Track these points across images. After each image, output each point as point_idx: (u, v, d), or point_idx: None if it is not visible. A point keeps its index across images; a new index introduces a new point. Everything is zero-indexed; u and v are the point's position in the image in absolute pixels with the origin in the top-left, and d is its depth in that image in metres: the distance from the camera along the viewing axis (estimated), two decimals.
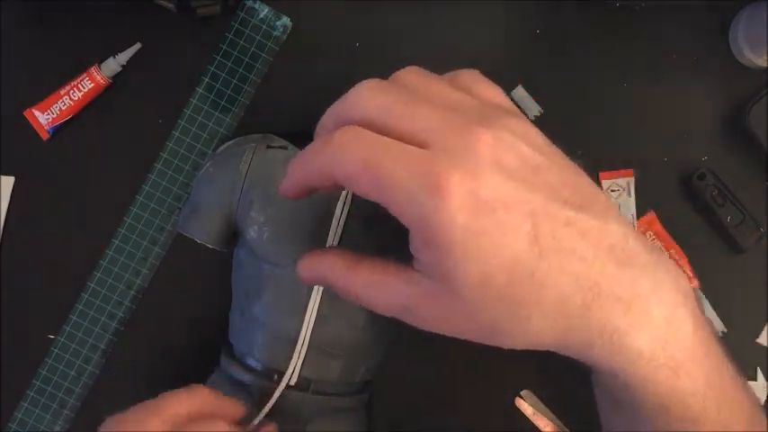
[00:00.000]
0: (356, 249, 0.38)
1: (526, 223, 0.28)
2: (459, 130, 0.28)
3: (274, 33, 0.45)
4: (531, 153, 0.29)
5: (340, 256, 0.33)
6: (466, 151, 0.28)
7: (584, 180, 0.31)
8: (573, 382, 0.46)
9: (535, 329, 0.29)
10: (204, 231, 0.40)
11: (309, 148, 0.31)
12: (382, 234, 0.37)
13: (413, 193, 0.27)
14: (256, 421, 0.39)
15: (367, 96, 0.30)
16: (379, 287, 0.31)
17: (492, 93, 0.33)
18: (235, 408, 0.37)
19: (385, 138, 0.28)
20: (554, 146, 0.31)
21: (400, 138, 0.28)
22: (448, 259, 0.28)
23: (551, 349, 0.31)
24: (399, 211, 0.28)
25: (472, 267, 0.28)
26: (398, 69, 0.46)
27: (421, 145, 0.28)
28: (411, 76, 0.32)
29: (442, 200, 0.27)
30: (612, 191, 0.45)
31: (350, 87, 0.36)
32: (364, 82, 0.31)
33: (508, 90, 0.45)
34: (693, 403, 0.30)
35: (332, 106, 0.32)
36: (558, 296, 0.28)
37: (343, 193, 0.38)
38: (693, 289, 0.42)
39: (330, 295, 0.38)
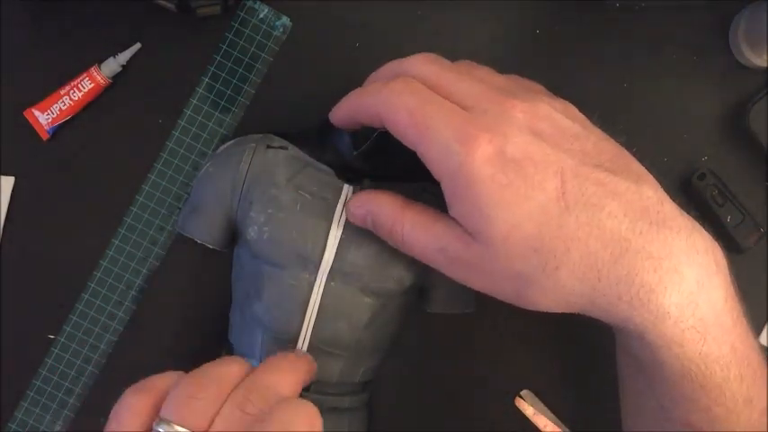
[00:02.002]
0: (356, 249, 0.38)
1: (554, 180, 0.30)
2: (499, 98, 0.31)
3: (274, 33, 0.45)
4: (569, 124, 0.32)
5: (394, 196, 0.35)
6: (501, 114, 0.30)
7: (623, 152, 0.33)
8: (573, 382, 0.47)
9: (563, 282, 0.30)
10: (204, 231, 0.40)
11: (366, 87, 0.35)
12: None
13: (446, 144, 0.30)
14: None
15: (425, 61, 0.34)
16: (422, 228, 0.33)
17: (517, 83, 0.36)
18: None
19: (434, 93, 0.32)
20: (593, 124, 0.34)
21: (447, 98, 0.31)
22: (474, 209, 0.30)
23: (578, 309, 0.32)
24: (432, 160, 0.31)
25: (499, 217, 0.30)
26: None
27: (464, 108, 0.31)
28: (446, 62, 0.35)
29: (470, 153, 0.29)
30: None
31: (350, 88, 0.36)
32: (421, 54, 0.34)
33: None
34: (717, 370, 0.31)
35: (389, 63, 0.36)
36: (586, 249, 0.29)
37: (344, 193, 0.38)
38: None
39: (330, 295, 0.38)
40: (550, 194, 0.30)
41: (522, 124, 0.30)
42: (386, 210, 0.35)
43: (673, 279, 0.30)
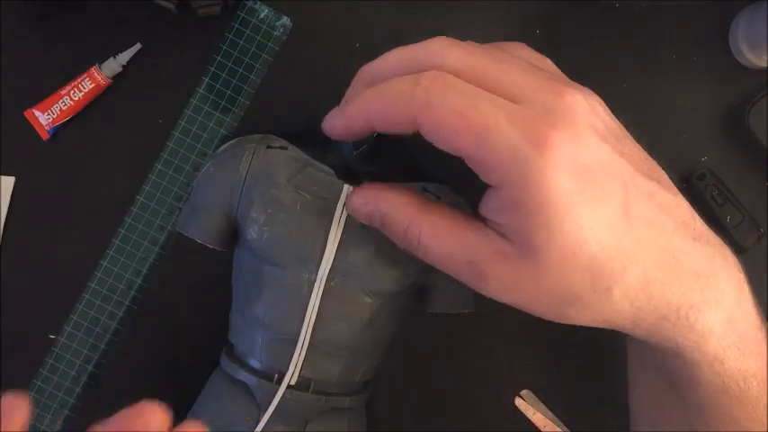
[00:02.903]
0: (356, 249, 0.38)
1: (620, 191, 0.27)
2: (552, 89, 0.27)
3: (274, 33, 0.45)
4: (612, 121, 0.29)
5: (409, 192, 0.31)
6: (565, 110, 0.27)
7: (649, 156, 0.31)
8: (573, 382, 0.46)
9: (612, 303, 0.27)
10: (204, 231, 0.40)
11: (385, 88, 0.29)
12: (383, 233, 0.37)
13: (513, 147, 0.26)
14: (262, 424, 0.39)
15: (448, 45, 0.28)
16: (448, 234, 0.29)
17: (549, 64, 0.33)
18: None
19: (478, 88, 0.27)
20: None
21: (491, 91, 0.27)
22: (537, 223, 0.26)
23: (617, 327, 0.29)
24: (492, 166, 0.27)
25: (565, 234, 0.26)
26: None
27: (513, 100, 0.27)
28: (472, 45, 0.30)
29: (545, 157, 0.26)
30: None
31: (347, 85, 0.36)
32: (438, 38, 0.29)
33: None
34: (755, 384, 0.30)
35: (402, 49, 0.30)
36: (642, 269, 0.27)
37: (344, 193, 0.38)
38: None
39: (330, 295, 0.38)
40: (616, 209, 0.27)
41: (586, 122, 0.27)
42: (400, 209, 0.30)
43: (716, 297, 0.29)
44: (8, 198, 0.45)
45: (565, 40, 0.46)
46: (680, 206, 0.29)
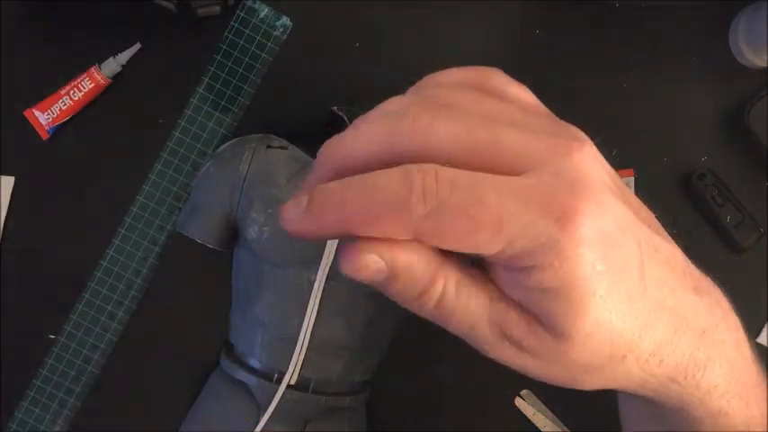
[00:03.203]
0: None
1: (637, 253, 0.25)
2: (556, 147, 0.24)
3: (274, 33, 0.45)
4: (610, 168, 0.26)
5: (421, 246, 0.25)
6: (577, 174, 0.24)
7: (635, 196, 0.28)
8: None
9: (626, 369, 0.26)
10: (204, 231, 0.40)
11: (370, 187, 0.24)
12: None
13: (534, 231, 0.23)
14: (261, 424, 0.39)
15: (433, 121, 0.24)
16: (475, 294, 0.26)
17: (528, 95, 0.29)
18: None
19: (481, 174, 0.24)
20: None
21: (490, 170, 0.24)
22: (562, 302, 0.24)
23: (623, 389, 0.28)
24: (514, 255, 0.24)
25: (591, 311, 0.24)
26: (398, 69, 0.46)
27: (517, 172, 0.24)
28: (444, 90, 0.27)
29: (571, 234, 0.23)
30: None
31: (349, 87, 0.36)
32: (414, 107, 0.25)
33: None
34: (759, 430, 0.29)
35: (375, 126, 0.25)
36: (654, 335, 0.26)
37: None
38: None
39: (330, 295, 0.38)
40: (635, 274, 0.25)
41: (600, 181, 0.24)
42: (418, 262, 0.25)
43: (719, 351, 0.28)
44: (8, 198, 0.44)
45: (565, 40, 0.46)
46: (676, 254, 0.27)
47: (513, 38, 0.46)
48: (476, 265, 0.26)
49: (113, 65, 0.44)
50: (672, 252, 0.27)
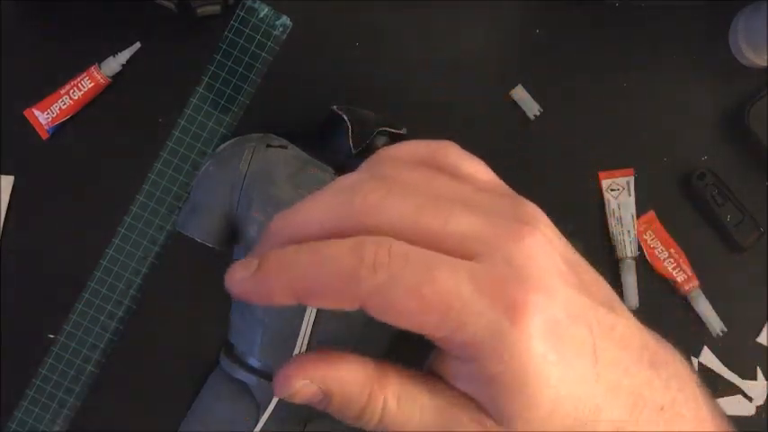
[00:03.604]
0: None
1: (589, 337, 0.25)
2: (507, 233, 0.24)
3: (274, 33, 0.45)
4: (566, 248, 0.26)
5: (357, 359, 0.26)
6: (528, 260, 0.24)
7: (593, 270, 0.27)
8: None
9: None
10: (204, 231, 0.40)
11: (319, 256, 0.23)
12: None
13: (483, 320, 0.23)
14: (261, 424, 0.39)
15: (381, 201, 0.24)
16: (418, 403, 0.25)
17: (482, 171, 0.28)
18: None
19: (429, 252, 0.23)
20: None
21: (442, 252, 0.23)
22: (514, 393, 0.24)
23: None
24: (462, 341, 0.24)
25: (542, 400, 0.24)
26: (398, 69, 0.46)
27: (468, 256, 0.24)
28: (398, 166, 0.26)
29: (520, 326, 0.23)
30: (612, 190, 0.45)
31: (349, 87, 0.36)
32: (365, 180, 0.25)
33: (508, 90, 0.45)
34: None
35: (327, 200, 0.25)
36: (611, 416, 0.26)
37: None
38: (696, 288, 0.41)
39: None
40: (587, 359, 0.25)
41: (551, 268, 0.24)
42: (356, 383, 0.25)
43: (679, 425, 0.27)
44: (8, 197, 0.44)
45: (565, 40, 0.46)
46: (630, 329, 0.27)
47: (513, 38, 0.46)
48: (422, 351, 0.26)
49: (113, 64, 0.44)
50: (626, 327, 0.26)
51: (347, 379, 0.25)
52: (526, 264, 0.24)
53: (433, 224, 0.24)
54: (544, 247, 0.24)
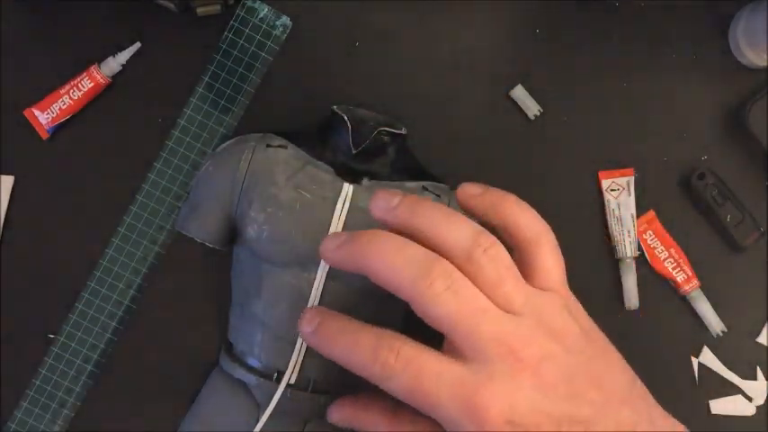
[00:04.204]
0: None
1: None
2: (508, 359, 0.29)
3: (274, 33, 0.45)
4: (561, 351, 0.29)
5: (379, 401, 0.35)
6: (503, 363, 0.29)
7: (607, 349, 0.32)
8: None
9: None
10: (204, 230, 0.40)
11: (356, 341, 0.32)
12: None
13: (453, 420, 0.29)
14: (261, 424, 0.39)
15: (438, 295, 0.30)
16: None
17: (466, 228, 0.32)
18: None
19: (432, 358, 0.30)
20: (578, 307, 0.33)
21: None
22: None
23: None
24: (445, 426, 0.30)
25: None
26: (398, 69, 0.46)
27: (469, 358, 0.30)
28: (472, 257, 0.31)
29: (480, 425, 0.28)
30: (612, 190, 0.45)
31: (349, 87, 0.36)
32: (423, 254, 0.31)
33: (508, 90, 0.45)
34: None
35: (394, 265, 0.31)
36: None
37: (343, 192, 0.38)
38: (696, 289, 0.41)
39: (330, 294, 0.38)
40: None
41: (529, 371, 0.29)
42: (372, 419, 0.36)
43: None
44: (8, 197, 0.45)
45: (565, 40, 0.46)
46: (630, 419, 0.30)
47: (513, 38, 0.46)
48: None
49: (113, 64, 0.44)
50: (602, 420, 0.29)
51: (368, 418, 0.37)
52: (498, 367, 0.29)
53: (465, 329, 0.30)
54: (524, 349, 0.29)
